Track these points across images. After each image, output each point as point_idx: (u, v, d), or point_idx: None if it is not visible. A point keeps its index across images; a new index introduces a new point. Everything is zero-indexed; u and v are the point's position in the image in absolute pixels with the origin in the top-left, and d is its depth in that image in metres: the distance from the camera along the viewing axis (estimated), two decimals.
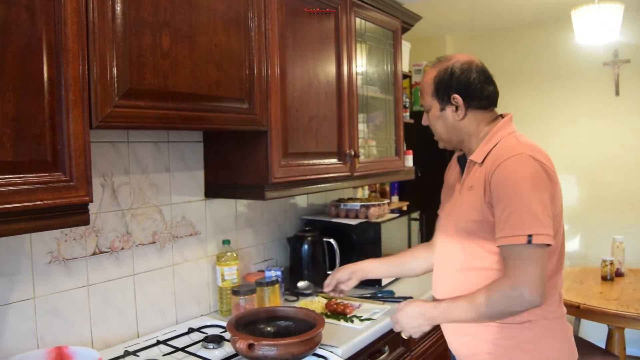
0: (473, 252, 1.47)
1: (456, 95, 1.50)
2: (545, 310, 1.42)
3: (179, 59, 1.43)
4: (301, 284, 2.25)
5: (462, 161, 1.61)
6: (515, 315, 1.39)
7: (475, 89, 1.50)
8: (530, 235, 1.30)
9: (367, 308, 2.04)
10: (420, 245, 1.91)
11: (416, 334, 1.53)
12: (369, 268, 1.86)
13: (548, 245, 1.33)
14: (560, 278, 1.49)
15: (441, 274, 1.61)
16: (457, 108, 1.52)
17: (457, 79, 1.50)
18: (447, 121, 1.55)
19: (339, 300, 2.04)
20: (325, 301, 2.08)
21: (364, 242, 2.37)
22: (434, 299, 1.60)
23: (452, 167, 1.70)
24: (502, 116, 1.58)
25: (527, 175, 1.34)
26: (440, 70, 1.53)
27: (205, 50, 1.51)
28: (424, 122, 1.64)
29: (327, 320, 1.84)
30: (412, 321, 1.51)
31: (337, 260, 2.34)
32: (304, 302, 2.09)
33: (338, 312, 1.96)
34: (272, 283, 1.97)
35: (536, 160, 1.37)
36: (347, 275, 1.84)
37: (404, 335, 1.58)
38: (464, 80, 1.49)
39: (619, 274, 3.14)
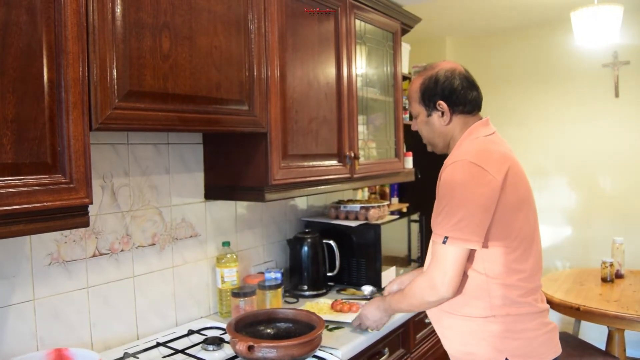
0: None
1: (441, 102, 1.59)
2: (507, 306, 1.48)
3: (179, 60, 1.43)
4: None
5: None
6: (433, 305, 1.54)
7: (459, 95, 1.59)
8: (446, 237, 1.44)
9: None
10: None
11: (379, 326, 1.77)
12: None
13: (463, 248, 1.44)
14: (526, 276, 1.50)
15: (426, 263, 1.69)
16: (442, 114, 1.61)
17: (441, 85, 1.59)
18: (433, 126, 1.64)
19: (344, 300, 2.04)
20: (330, 302, 2.06)
21: (363, 244, 2.37)
22: None
23: None
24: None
25: (459, 181, 1.45)
26: (425, 78, 1.62)
27: (205, 52, 1.52)
28: (413, 127, 1.73)
29: (334, 319, 1.86)
30: (373, 314, 1.74)
31: (337, 262, 2.34)
32: (309, 305, 2.07)
33: (344, 312, 1.95)
34: (275, 287, 1.96)
35: (477, 166, 1.44)
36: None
37: (369, 328, 1.79)
38: (448, 87, 1.58)
39: (618, 276, 3.14)
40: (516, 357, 1.46)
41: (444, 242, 1.43)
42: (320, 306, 2.04)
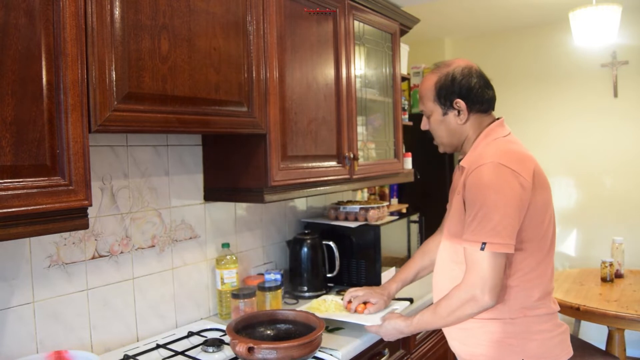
0: (460, 252, 1.52)
1: (459, 100, 1.55)
2: (525, 308, 1.47)
3: (177, 62, 1.43)
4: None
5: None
6: (473, 317, 1.48)
7: (476, 94, 1.55)
8: (484, 243, 1.38)
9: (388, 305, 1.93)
10: (426, 241, 1.96)
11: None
12: (393, 290, 1.91)
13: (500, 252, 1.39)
14: (546, 277, 1.51)
15: (436, 273, 1.67)
16: (459, 112, 1.56)
17: (459, 84, 1.54)
18: (449, 125, 1.60)
19: None
20: (341, 300, 1.95)
21: (363, 245, 2.37)
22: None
23: (456, 171, 1.73)
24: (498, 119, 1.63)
25: (492, 184, 1.40)
26: (441, 76, 1.57)
27: (204, 54, 1.52)
28: (424, 126, 1.68)
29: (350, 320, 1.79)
30: (390, 336, 1.68)
31: (337, 263, 2.34)
32: (316, 302, 1.99)
33: (359, 312, 1.85)
34: (275, 288, 1.96)
35: (507, 168, 1.40)
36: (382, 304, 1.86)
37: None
38: (466, 85, 1.54)
39: (618, 275, 3.14)
40: (532, 357, 1.45)
41: (482, 249, 1.38)
42: (328, 304, 1.96)
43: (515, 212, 1.39)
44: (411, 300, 2.06)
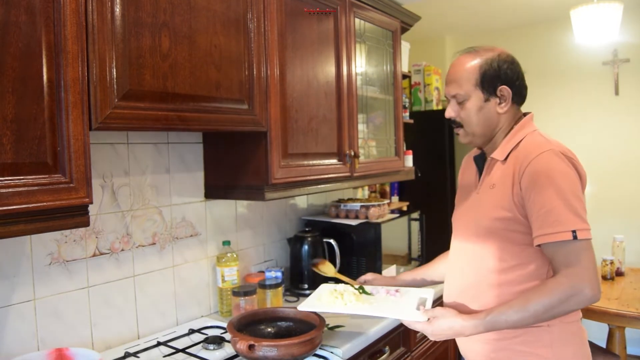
0: (499, 251, 1.42)
1: (505, 87, 1.47)
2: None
3: (178, 60, 1.43)
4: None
5: (479, 161, 1.58)
6: (571, 313, 1.37)
7: (520, 84, 1.50)
8: (574, 231, 1.28)
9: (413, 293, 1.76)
10: (440, 255, 1.82)
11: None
12: (407, 278, 1.85)
13: (590, 239, 1.32)
14: None
15: (456, 276, 1.54)
16: (500, 100, 1.48)
17: (505, 71, 1.46)
18: (488, 113, 1.48)
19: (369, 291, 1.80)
20: (353, 288, 1.78)
21: (364, 243, 2.37)
22: (443, 303, 1.58)
23: (467, 168, 1.65)
24: (525, 114, 1.56)
25: (561, 171, 1.33)
26: (487, 59, 1.46)
27: (205, 52, 1.51)
28: (449, 114, 1.53)
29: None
30: (441, 336, 1.42)
31: (337, 261, 2.34)
32: (327, 295, 1.73)
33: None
34: (276, 286, 1.96)
35: (566, 156, 1.36)
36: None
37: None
38: (511, 74, 1.47)
39: (619, 274, 3.14)
40: None
41: (575, 237, 1.27)
42: (346, 295, 1.69)
43: (584, 199, 1.35)
44: None
